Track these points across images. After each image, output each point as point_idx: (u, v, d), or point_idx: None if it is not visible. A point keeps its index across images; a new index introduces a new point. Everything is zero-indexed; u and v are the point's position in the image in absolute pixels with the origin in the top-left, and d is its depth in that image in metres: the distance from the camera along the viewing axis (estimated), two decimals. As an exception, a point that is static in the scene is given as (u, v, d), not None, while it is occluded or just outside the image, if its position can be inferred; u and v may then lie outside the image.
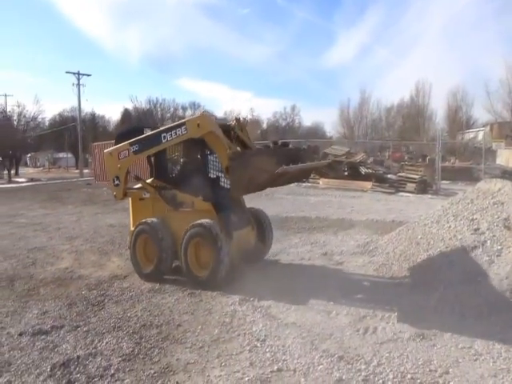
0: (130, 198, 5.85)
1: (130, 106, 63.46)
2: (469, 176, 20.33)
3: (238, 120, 5.73)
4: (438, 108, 65.69)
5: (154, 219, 5.35)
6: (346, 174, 18.23)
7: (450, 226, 5.36)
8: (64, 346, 3.53)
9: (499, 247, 4.50)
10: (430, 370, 3.05)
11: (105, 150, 5.91)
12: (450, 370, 3.06)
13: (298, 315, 4.08)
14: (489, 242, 4.65)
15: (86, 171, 34.42)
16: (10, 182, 28.67)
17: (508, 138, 25.94)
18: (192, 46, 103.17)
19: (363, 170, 17.56)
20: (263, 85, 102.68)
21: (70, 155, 51.57)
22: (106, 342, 3.58)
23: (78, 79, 38.12)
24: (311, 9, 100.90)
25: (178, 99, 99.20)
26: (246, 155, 4.85)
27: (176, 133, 5.04)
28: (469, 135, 40.60)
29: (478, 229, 4.91)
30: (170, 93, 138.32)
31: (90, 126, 54.66)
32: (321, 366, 3.11)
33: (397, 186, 16.16)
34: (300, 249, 6.75)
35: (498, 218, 4.88)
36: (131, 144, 5.44)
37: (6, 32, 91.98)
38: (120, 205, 13.21)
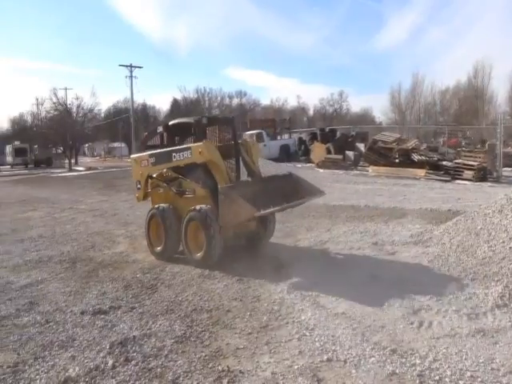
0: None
1: (178, 96, 65.07)
2: (535, 163, 18.77)
3: (244, 141, 6.38)
4: (500, 89, 60.74)
5: (164, 205, 5.95)
6: (396, 161, 17.52)
7: (515, 217, 4.97)
8: (121, 326, 3.72)
9: None
10: (492, 369, 2.86)
11: (131, 155, 6.80)
12: (515, 370, 2.85)
13: (348, 306, 3.99)
14: (561, 234, 4.25)
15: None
16: (70, 170, 30.60)
17: None
18: (238, 34, 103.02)
19: (416, 157, 16.75)
20: (310, 71, 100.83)
21: (123, 145, 53.90)
22: (160, 324, 3.73)
23: (131, 71, 39.66)
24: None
25: (225, 88, 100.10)
26: (232, 193, 5.07)
27: (183, 155, 5.68)
28: (535, 118, 37.34)
29: (549, 219, 4.50)
30: (218, 82, 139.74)
31: (141, 117, 56.73)
32: (372, 359, 3.03)
33: (453, 174, 15.27)
34: (349, 238, 6.59)
35: None
36: (150, 156, 6.20)
37: (63, 29, 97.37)
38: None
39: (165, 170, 6.13)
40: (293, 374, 2.88)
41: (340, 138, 22.89)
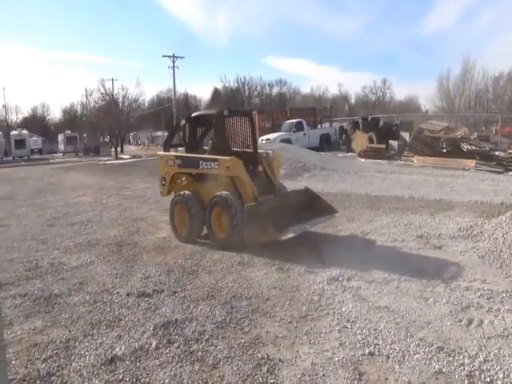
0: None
1: (219, 86, 65.56)
2: None
3: (266, 154, 6.54)
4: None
5: (188, 192, 6.28)
6: (444, 151, 16.68)
7: None
8: (164, 309, 3.84)
9: None
10: (550, 374, 2.67)
11: (158, 152, 6.93)
12: None
13: (391, 299, 3.87)
14: None
15: (180, 148, 36.72)
16: (116, 158, 31.85)
17: None
18: (277, 22, 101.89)
19: (465, 147, 15.86)
20: (351, 59, 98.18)
21: (166, 133, 55.30)
22: (201, 309, 3.80)
23: (173, 62, 40.43)
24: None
25: (265, 77, 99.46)
26: (258, 216, 5.31)
27: (210, 165, 5.99)
28: None
29: None
30: (258, 71, 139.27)
31: (183, 106, 57.78)
32: (417, 355, 2.92)
33: (506, 165, 14.31)
34: (392, 229, 6.37)
35: None
36: (177, 157, 6.52)
37: (110, 22, 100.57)
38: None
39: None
40: (333, 365, 2.84)
41: (383, 126, 22.09)
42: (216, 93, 65.82)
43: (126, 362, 2.99)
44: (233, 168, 5.72)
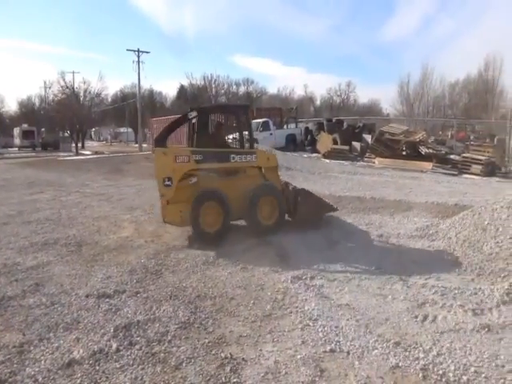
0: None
1: (185, 83, 64.70)
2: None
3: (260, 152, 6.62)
4: (511, 84, 59.76)
5: (215, 188, 5.95)
6: (403, 153, 17.35)
7: (523, 213, 4.91)
8: (125, 310, 3.75)
9: None
10: (497, 365, 2.85)
11: (158, 149, 5.95)
12: (520, 366, 2.84)
13: (352, 297, 3.98)
14: None
15: (144, 145, 35.92)
16: (76, 154, 30.69)
17: None
18: (245, 21, 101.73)
19: (423, 150, 16.58)
20: (317, 60, 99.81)
21: (129, 130, 53.87)
22: (164, 310, 3.74)
23: (138, 56, 39.30)
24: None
25: (232, 76, 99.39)
26: (313, 195, 6.60)
27: (246, 158, 6.10)
28: (546, 113, 36.76)
29: (559, 217, 4.44)
30: (225, 69, 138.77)
31: (148, 102, 56.53)
32: (376, 351, 3.03)
33: (460, 168, 15.12)
34: (353, 229, 6.56)
35: None
36: (194, 152, 5.88)
37: (70, 14, 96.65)
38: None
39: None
40: (295, 363, 2.89)
41: (347, 128, 22.65)
42: (182, 90, 64.88)
43: (85, 365, 2.89)
44: (271, 160, 6.31)
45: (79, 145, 35.48)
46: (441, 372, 2.76)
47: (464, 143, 19.42)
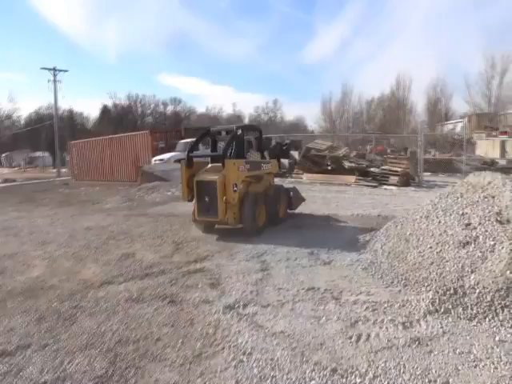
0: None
1: (109, 103, 62.15)
2: (450, 168, 20.53)
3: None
4: (418, 100, 66.63)
5: (259, 191, 7.78)
6: (329, 168, 18.10)
7: (439, 222, 5.20)
8: (29, 370, 3.19)
9: (492, 242, 4.34)
10: (430, 381, 2.84)
11: (229, 160, 7.29)
12: (450, 379, 2.86)
13: (287, 323, 3.82)
14: (481, 237, 4.49)
15: (63, 170, 33.44)
16: (-18, 183, 27.52)
17: (487, 129, 26.30)
18: (171, 40, 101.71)
19: (347, 164, 17.44)
20: (244, 79, 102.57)
21: (46, 154, 49.96)
22: (77, 363, 3.25)
23: (54, 75, 37.03)
24: (291, 2, 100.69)
25: (159, 95, 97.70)
26: (298, 190, 9.62)
27: (267, 166, 8.45)
28: (447, 127, 41.26)
29: (470, 224, 4.75)
30: (151, 89, 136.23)
31: (67, 124, 53.19)
32: (313, 382, 2.87)
33: (380, 180, 16.09)
34: (286, 248, 6.50)
35: (490, 212, 4.73)
36: (246, 163, 7.61)
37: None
38: (98, 206, 12.75)
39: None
40: (229, 409, 2.62)
41: (275, 146, 23.11)
42: (105, 110, 62.14)
43: None
44: (275, 166, 8.92)
45: (-14, 173, 31.92)
46: (378, 397, 2.67)
47: (382, 156, 20.84)
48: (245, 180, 7.56)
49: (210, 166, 7.83)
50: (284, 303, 4.28)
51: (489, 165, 20.03)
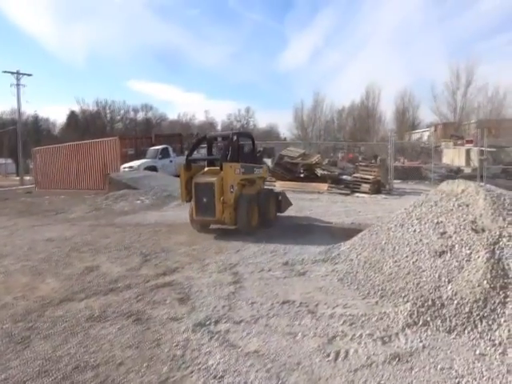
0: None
1: (76, 109, 60.36)
2: (418, 175, 21.05)
3: None
4: (387, 110, 68.60)
5: (252, 193, 8.30)
6: (301, 175, 18.10)
7: (415, 230, 5.14)
8: (-31, 405, 2.81)
9: (468, 251, 4.29)
10: (412, 402, 2.69)
11: (227, 163, 7.75)
12: (433, 398, 2.72)
13: (261, 340, 3.59)
14: (457, 246, 4.44)
15: (27, 178, 32.00)
16: None
17: (453, 138, 27.25)
18: (142, 46, 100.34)
19: (319, 172, 17.49)
20: (216, 86, 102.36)
21: (9, 161, 47.81)
22: (26, 395, 2.89)
23: (17, 79, 35.57)
24: (262, 11, 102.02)
25: (130, 101, 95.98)
26: (286, 195, 9.90)
27: (259, 170, 9.04)
28: (415, 136, 42.59)
29: (445, 232, 4.70)
30: (121, 95, 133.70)
31: (32, 130, 51.15)
32: (290, 408, 2.65)
33: (352, 187, 16.21)
34: (259, 258, 6.28)
35: (465, 220, 4.70)
36: (241, 167, 8.13)
37: None
38: (62, 216, 12.12)
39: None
40: None
41: (248, 153, 23.03)
42: (72, 116, 60.22)
43: None
44: (266, 171, 9.76)
45: None
46: (360, 423, 2.48)
47: (354, 164, 21.11)
48: (240, 183, 8.10)
49: (206, 169, 8.36)
50: (258, 318, 4.05)
51: (455, 172, 20.69)
